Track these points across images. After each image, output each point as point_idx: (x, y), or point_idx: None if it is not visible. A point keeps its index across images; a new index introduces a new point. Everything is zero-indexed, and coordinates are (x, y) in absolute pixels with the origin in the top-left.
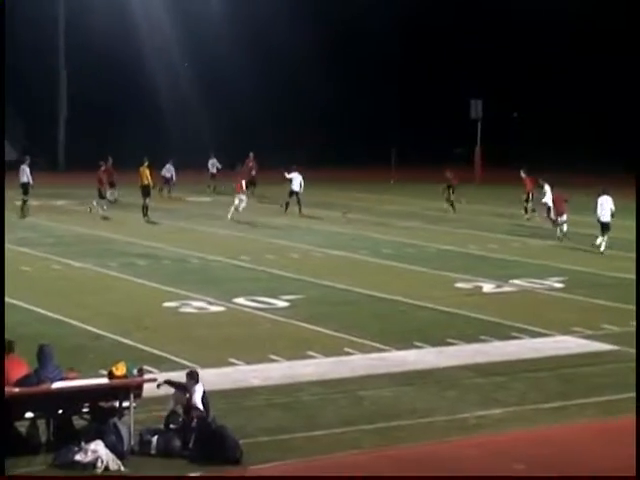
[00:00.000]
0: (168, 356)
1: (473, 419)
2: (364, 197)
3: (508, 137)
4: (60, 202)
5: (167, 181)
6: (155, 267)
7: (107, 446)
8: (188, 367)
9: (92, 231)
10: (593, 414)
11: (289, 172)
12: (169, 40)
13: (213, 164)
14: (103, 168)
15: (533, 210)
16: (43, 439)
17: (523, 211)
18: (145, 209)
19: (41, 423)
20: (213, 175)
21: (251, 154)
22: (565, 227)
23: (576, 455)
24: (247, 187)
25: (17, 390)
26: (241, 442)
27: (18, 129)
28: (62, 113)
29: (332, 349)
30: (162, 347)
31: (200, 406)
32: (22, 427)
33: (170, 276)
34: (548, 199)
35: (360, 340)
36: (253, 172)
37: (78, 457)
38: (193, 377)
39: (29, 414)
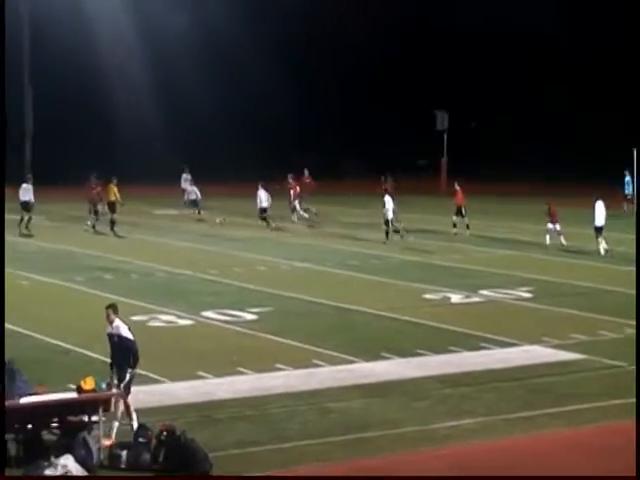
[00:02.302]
0: (137, 370)
1: (443, 430)
2: (328, 210)
3: (474, 148)
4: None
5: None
6: (123, 281)
7: (77, 460)
8: (157, 381)
9: (58, 246)
10: (562, 424)
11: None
12: (131, 56)
13: (186, 179)
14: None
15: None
16: (12, 454)
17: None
18: (112, 223)
19: (10, 438)
20: (185, 190)
21: (306, 171)
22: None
23: (545, 465)
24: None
25: None
26: (210, 455)
27: None
28: (28, 129)
29: (300, 361)
30: None
31: (130, 336)
32: None
33: (138, 290)
34: (388, 210)
35: (328, 352)
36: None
37: (48, 472)
38: (115, 310)
39: None
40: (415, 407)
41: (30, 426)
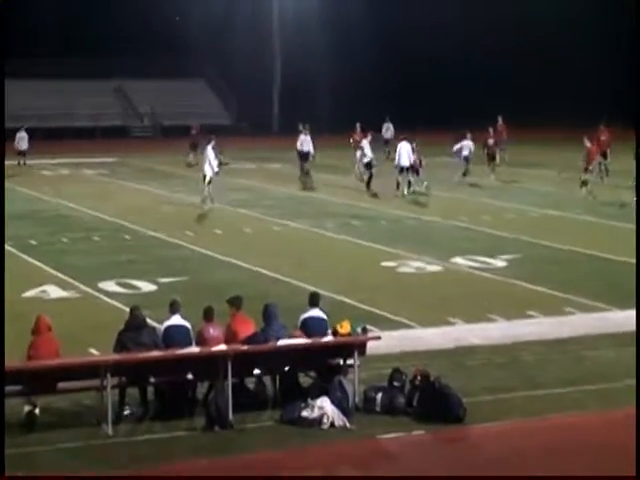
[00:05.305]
0: (387, 315)
1: None
2: (574, 156)
3: None
4: (274, 165)
5: (387, 142)
6: (372, 228)
7: (333, 402)
8: (408, 326)
9: (306, 193)
10: None
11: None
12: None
13: (387, 128)
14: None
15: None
16: (270, 395)
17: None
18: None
19: (268, 380)
20: (387, 141)
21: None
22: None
23: None
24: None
25: (245, 347)
26: (463, 400)
27: (231, 98)
28: (276, 82)
29: (552, 309)
30: (381, 306)
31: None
32: (250, 384)
33: (387, 236)
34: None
35: (580, 299)
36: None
37: (305, 413)
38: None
39: (256, 371)
40: None
41: (287, 368)
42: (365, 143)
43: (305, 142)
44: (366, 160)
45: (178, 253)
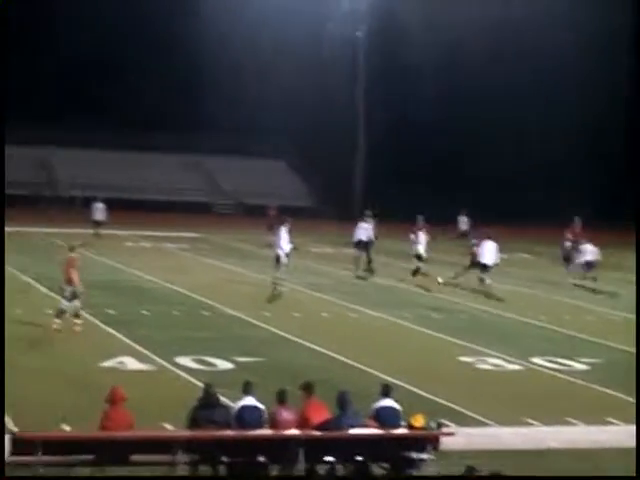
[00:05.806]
0: (463, 410)
1: None
2: None
3: None
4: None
5: (463, 234)
6: (450, 320)
7: None
8: (484, 423)
9: (385, 281)
10: None
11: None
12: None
13: (462, 220)
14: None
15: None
16: None
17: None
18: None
19: (340, 468)
20: (463, 233)
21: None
22: None
23: None
24: None
25: (318, 433)
26: None
27: (314, 180)
28: (359, 165)
29: (632, 417)
30: (457, 401)
31: None
32: (322, 470)
33: (465, 330)
34: None
35: None
36: None
37: None
38: None
39: (328, 458)
40: None
41: (359, 458)
42: (421, 235)
43: (362, 230)
44: (420, 251)
45: (255, 333)
